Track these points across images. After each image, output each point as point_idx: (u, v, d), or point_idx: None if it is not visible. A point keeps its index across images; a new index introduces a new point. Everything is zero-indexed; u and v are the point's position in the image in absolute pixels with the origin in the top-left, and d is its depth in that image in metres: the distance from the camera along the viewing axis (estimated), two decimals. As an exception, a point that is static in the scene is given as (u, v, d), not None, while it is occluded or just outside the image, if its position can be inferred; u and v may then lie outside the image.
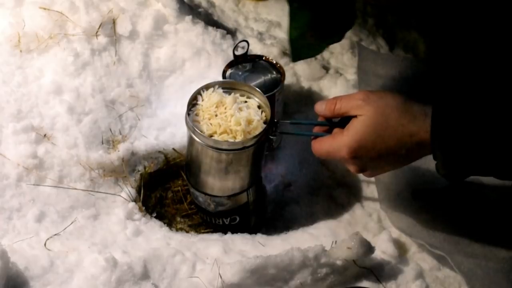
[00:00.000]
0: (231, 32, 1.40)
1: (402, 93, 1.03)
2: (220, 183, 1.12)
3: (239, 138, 1.06)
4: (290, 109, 1.32)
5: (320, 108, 1.06)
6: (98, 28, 1.29)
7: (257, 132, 1.07)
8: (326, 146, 1.04)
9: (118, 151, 1.22)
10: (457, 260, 1.09)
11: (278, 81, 1.21)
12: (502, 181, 1.01)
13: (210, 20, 1.42)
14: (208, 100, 1.10)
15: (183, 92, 1.29)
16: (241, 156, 1.08)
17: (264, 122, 1.09)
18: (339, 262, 1.06)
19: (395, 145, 1.00)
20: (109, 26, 1.30)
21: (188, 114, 1.08)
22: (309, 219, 1.21)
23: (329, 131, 1.07)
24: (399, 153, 1.01)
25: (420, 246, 1.14)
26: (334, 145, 1.03)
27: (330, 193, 1.24)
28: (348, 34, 1.45)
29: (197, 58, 1.32)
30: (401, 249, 1.14)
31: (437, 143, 0.96)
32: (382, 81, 1.34)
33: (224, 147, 1.06)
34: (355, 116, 1.01)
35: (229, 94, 1.11)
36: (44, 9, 1.30)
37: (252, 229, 1.20)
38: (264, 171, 1.19)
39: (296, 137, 1.23)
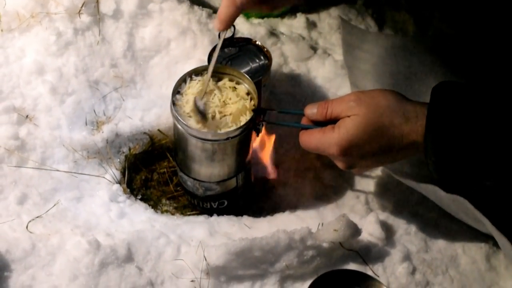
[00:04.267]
0: (217, 11, 1.38)
1: (395, 90, 1.02)
2: (207, 170, 1.11)
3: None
4: (277, 90, 1.30)
5: (311, 112, 1.04)
6: (81, 7, 1.27)
7: (243, 122, 1.05)
8: (315, 141, 1.03)
9: (102, 132, 1.20)
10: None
11: (265, 67, 1.18)
12: None
13: (195, -1, 1.39)
14: (195, 87, 1.08)
15: (169, 73, 1.28)
16: (226, 145, 1.06)
17: (252, 110, 1.07)
18: (325, 245, 1.05)
19: (386, 145, 0.99)
20: (92, 4, 1.28)
21: (173, 101, 1.06)
22: (296, 201, 1.20)
23: (317, 123, 1.05)
24: (389, 153, 1.01)
25: (408, 228, 1.14)
26: (324, 140, 1.02)
27: (317, 175, 1.23)
28: (337, 13, 1.43)
29: (182, 38, 1.30)
30: (388, 231, 1.13)
31: (430, 148, 0.96)
32: (368, 55, 1.33)
33: (208, 137, 1.04)
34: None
35: (218, 79, 1.09)
36: (26, -13, 1.28)
37: (238, 212, 1.18)
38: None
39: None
